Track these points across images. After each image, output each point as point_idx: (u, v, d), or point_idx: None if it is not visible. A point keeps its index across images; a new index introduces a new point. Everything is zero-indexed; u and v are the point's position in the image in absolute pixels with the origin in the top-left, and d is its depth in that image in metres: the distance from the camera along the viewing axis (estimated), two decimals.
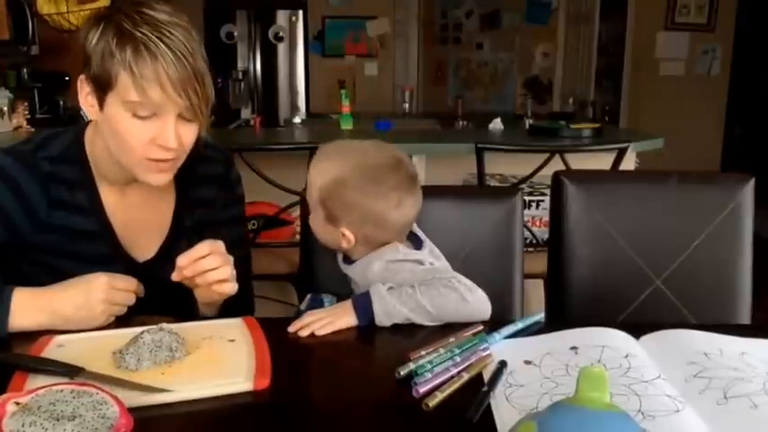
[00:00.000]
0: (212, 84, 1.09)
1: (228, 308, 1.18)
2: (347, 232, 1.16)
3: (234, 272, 1.09)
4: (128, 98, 1.04)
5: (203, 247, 1.06)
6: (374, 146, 1.19)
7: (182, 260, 1.06)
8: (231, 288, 1.10)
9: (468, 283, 1.12)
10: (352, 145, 1.21)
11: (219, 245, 1.07)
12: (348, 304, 1.09)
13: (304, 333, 1.03)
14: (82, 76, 1.08)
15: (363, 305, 1.08)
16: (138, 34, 1.02)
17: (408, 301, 1.08)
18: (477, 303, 1.11)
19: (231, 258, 1.09)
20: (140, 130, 1.06)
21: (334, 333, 1.05)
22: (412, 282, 1.11)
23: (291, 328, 1.04)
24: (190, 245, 1.23)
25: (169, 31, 1.04)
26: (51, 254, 1.17)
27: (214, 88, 1.11)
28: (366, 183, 1.14)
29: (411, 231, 1.24)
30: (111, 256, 1.20)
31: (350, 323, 1.07)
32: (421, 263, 1.18)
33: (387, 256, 1.17)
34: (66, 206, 1.16)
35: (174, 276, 1.08)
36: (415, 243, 1.23)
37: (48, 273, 1.14)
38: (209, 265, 1.06)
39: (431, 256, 1.21)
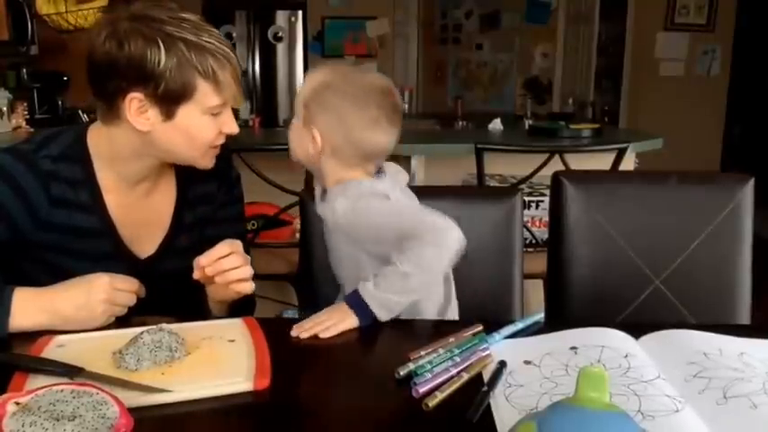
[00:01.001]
0: None
1: (235, 305, 1.19)
2: (316, 134, 1.17)
3: (252, 272, 1.11)
4: (210, 104, 1.11)
5: (224, 246, 1.08)
6: (371, 72, 1.23)
7: (203, 259, 1.07)
8: (249, 287, 1.12)
9: (438, 223, 1.11)
10: (351, 66, 1.23)
11: (239, 245, 1.09)
12: (344, 306, 1.08)
13: (305, 335, 1.03)
14: (136, 95, 1.08)
15: (358, 304, 1.08)
16: (210, 45, 1.09)
17: (394, 281, 1.07)
18: (450, 241, 1.09)
19: (249, 258, 1.10)
20: (212, 126, 1.14)
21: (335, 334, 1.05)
22: (383, 226, 1.12)
23: (294, 333, 1.04)
24: (191, 241, 1.24)
25: (213, 31, 1.12)
26: (53, 252, 1.18)
27: None
28: (351, 91, 1.16)
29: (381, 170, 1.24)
30: (112, 254, 1.20)
31: (353, 324, 1.07)
32: (387, 197, 1.17)
33: (350, 190, 1.16)
34: (67, 204, 1.17)
35: (195, 275, 1.09)
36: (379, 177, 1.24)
37: (49, 271, 1.14)
38: (229, 265, 1.08)
39: (398, 190, 1.21)
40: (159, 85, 1.07)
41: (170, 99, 1.09)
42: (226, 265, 1.08)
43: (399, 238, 1.11)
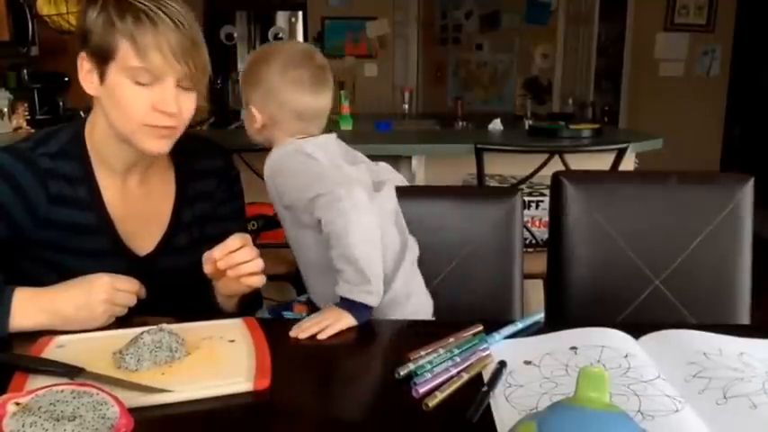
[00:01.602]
0: (207, 55, 1.14)
1: (244, 300, 1.21)
2: (254, 110, 1.25)
3: (263, 265, 1.10)
4: (129, 64, 1.08)
5: (236, 240, 1.07)
6: (294, 42, 1.34)
7: (216, 253, 1.07)
8: (261, 280, 1.11)
9: (336, 192, 1.12)
10: (279, 41, 1.30)
11: (248, 238, 1.09)
12: (338, 309, 1.09)
13: (303, 335, 1.03)
14: (82, 53, 1.11)
15: (347, 304, 1.09)
16: (138, 4, 1.07)
17: (343, 266, 1.10)
18: (349, 206, 1.11)
19: (259, 251, 1.10)
20: (141, 97, 1.10)
21: (333, 334, 1.05)
22: (302, 184, 1.16)
23: (292, 333, 1.04)
24: (190, 239, 1.25)
25: (166, 2, 1.09)
26: (52, 249, 1.18)
27: (212, 72, 1.17)
28: (273, 61, 1.24)
29: None
30: (111, 251, 1.20)
31: (350, 323, 1.07)
32: (310, 156, 1.20)
33: (278, 149, 1.23)
34: (66, 201, 1.17)
35: (206, 269, 1.09)
36: None
37: (49, 269, 1.15)
38: (241, 258, 1.07)
39: (333, 153, 1.25)
40: (90, 42, 1.09)
41: (99, 57, 1.09)
42: (238, 259, 1.07)
43: (311, 201, 1.14)
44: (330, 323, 1.05)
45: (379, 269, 1.12)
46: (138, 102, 1.10)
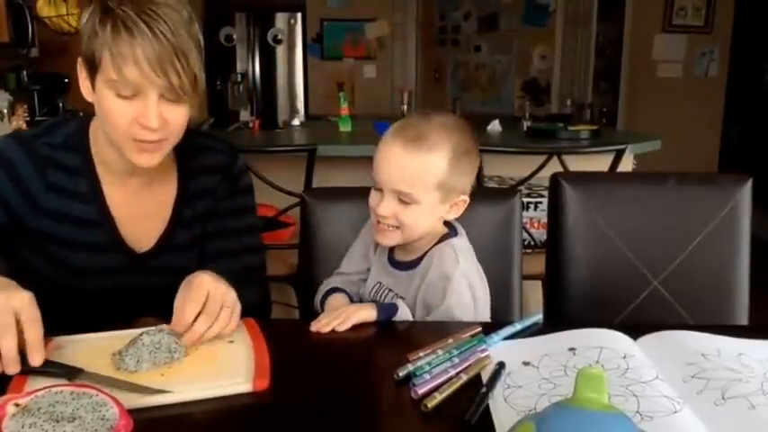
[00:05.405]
0: (201, 62, 1.07)
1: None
2: (465, 197, 1.19)
3: (238, 305, 1.01)
4: (109, 77, 1.03)
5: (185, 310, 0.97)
6: (444, 114, 1.20)
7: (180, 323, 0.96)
8: (232, 327, 1.00)
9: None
10: (434, 120, 1.15)
11: (199, 301, 0.97)
12: (364, 304, 1.12)
13: (325, 329, 1.05)
14: (79, 58, 1.09)
15: (385, 306, 1.12)
16: (120, 12, 1.01)
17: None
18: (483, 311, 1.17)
19: (232, 291, 1.00)
20: (123, 110, 1.05)
21: (332, 334, 1.05)
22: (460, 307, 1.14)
23: (312, 328, 1.06)
24: (190, 237, 1.23)
25: (152, 9, 1.02)
26: (51, 240, 1.17)
27: (205, 73, 1.08)
28: (472, 146, 1.17)
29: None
30: (109, 246, 1.20)
31: (370, 316, 1.09)
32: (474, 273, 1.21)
33: (455, 247, 1.19)
34: (64, 192, 1.16)
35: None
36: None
37: (49, 260, 1.15)
38: (201, 329, 0.97)
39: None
40: (82, 49, 1.06)
41: (88, 65, 1.07)
42: (198, 331, 0.96)
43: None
44: (347, 316, 1.07)
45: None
46: (121, 115, 1.05)
